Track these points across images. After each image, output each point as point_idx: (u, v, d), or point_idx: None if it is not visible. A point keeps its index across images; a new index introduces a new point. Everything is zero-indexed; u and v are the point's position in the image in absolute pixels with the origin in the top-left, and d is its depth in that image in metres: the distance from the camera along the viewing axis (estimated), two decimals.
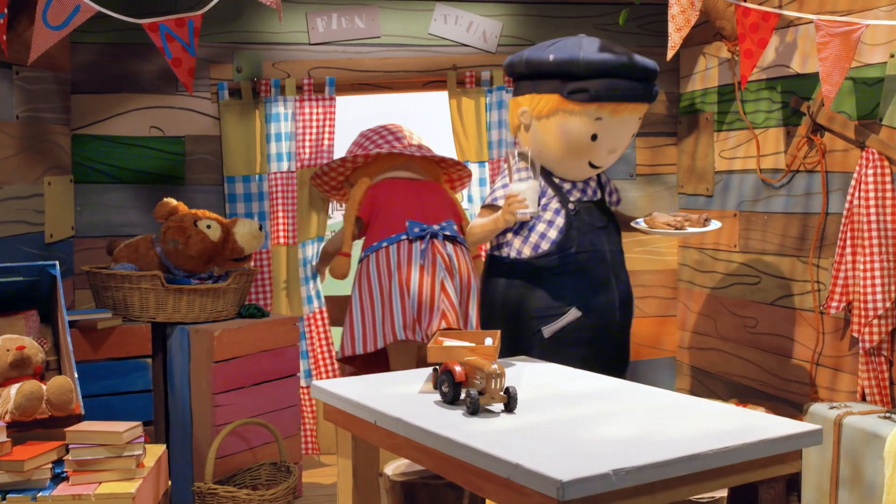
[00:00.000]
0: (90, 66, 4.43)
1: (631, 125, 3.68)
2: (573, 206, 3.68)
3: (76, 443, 2.90)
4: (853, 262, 3.62)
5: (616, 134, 3.65)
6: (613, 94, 3.54)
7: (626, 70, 3.54)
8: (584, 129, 3.59)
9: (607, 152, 3.68)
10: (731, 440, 2.22)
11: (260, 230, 3.91)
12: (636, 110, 3.63)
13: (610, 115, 3.57)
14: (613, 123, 3.60)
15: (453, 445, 2.28)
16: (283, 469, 3.80)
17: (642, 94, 3.60)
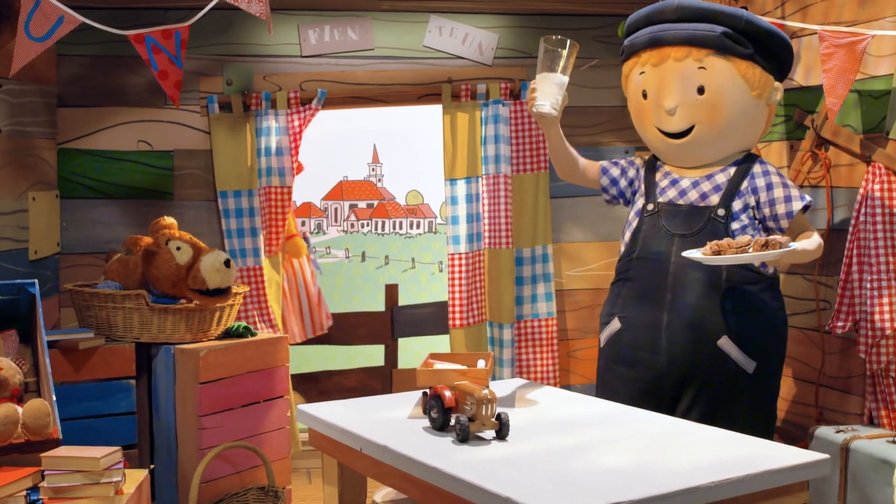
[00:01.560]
0: (77, 78, 4.34)
1: (684, 73, 3.18)
2: (652, 207, 3.29)
3: (52, 469, 2.79)
4: (860, 281, 3.53)
5: (661, 85, 3.23)
6: (642, 41, 3.25)
7: (664, 14, 3.21)
8: (634, 89, 3.33)
9: (666, 112, 3.24)
10: (733, 471, 2.12)
11: (226, 266, 3.65)
12: (680, 54, 3.17)
13: (650, 66, 3.24)
14: (656, 74, 3.24)
15: (441, 476, 2.18)
16: (270, 494, 3.69)
17: (678, 37, 3.16)
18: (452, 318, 4.56)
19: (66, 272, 4.33)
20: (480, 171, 4.58)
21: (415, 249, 6.19)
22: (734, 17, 3.13)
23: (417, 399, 2.86)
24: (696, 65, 3.14)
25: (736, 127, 3.20)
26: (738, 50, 3.12)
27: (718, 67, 3.14)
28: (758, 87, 3.19)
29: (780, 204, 3.16)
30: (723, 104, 3.16)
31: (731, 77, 3.15)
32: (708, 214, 3.18)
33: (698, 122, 3.18)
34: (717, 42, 3.11)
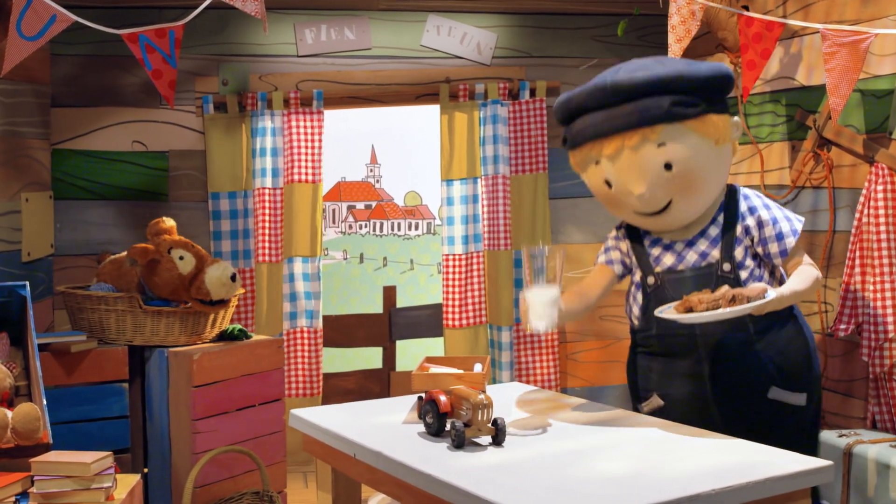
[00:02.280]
0: (71, 78, 4.30)
1: (645, 159, 2.85)
2: (653, 280, 3.01)
3: (41, 474, 2.76)
4: (862, 283, 3.49)
5: (624, 175, 2.89)
6: (585, 134, 2.90)
7: (599, 97, 2.86)
8: (594, 179, 2.98)
9: (636, 199, 2.91)
10: (734, 478, 2.06)
11: (232, 280, 3.60)
12: (634, 141, 2.83)
13: (603, 157, 2.89)
14: (616, 165, 2.88)
15: (435, 483, 2.13)
16: (265, 499, 3.64)
17: (627, 123, 2.82)
18: (447, 319, 4.52)
19: (59, 274, 4.28)
20: (479, 171, 4.53)
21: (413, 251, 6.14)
22: (674, 79, 2.81)
23: (413, 404, 2.81)
24: (655, 145, 2.83)
25: (710, 184, 2.94)
26: (690, 112, 2.83)
27: (678, 138, 2.83)
28: (719, 136, 2.90)
29: (773, 243, 2.96)
30: (694, 171, 2.88)
31: (693, 142, 2.85)
32: (715, 273, 2.94)
33: (674, 195, 2.91)
34: (668, 115, 2.80)
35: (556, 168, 4.65)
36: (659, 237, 3.02)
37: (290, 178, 4.39)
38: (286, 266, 4.43)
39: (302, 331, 4.44)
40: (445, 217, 4.54)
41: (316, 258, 4.44)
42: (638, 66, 2.89)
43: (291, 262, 4.43)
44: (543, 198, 4.59)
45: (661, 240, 3.02)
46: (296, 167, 4.39)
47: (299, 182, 4.39)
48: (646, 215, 2.96)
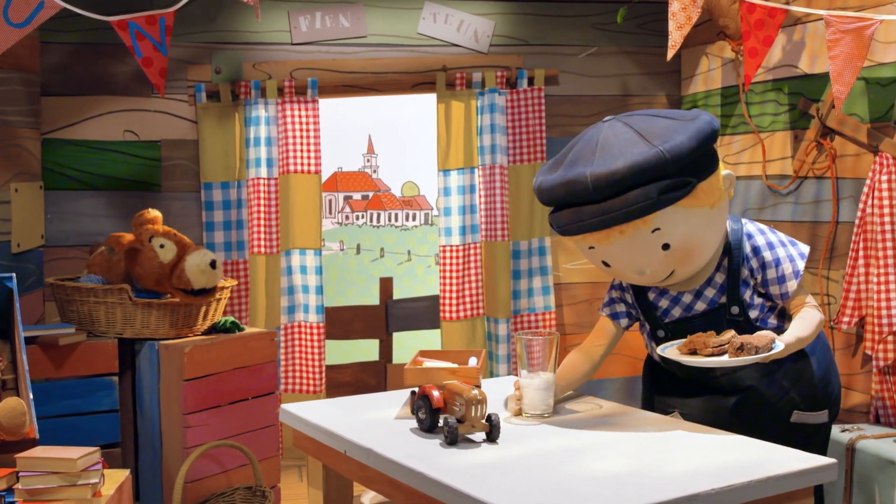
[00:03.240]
0: (61, 66, 4.23)
1: (640, 244, 2.66)
2: (663, 333, 2.87)
3: (27, 470, 2.70)
4: (866, 275, 3.43)
5: (623, 258, 2.71)
6: (572, 229, 2.68)
7: (580, 193, 2.60)
8: (591, 258, 2.81)
9: (637, 274, 2.75)
10: (735, 477, 2.00)
11: (212, 267, 3.53)
12: (625, 230, 2.62)
13: (597, 244, 2.70)
14: (609, 250, 2.69)
15: (427, 482, 2.07)
16: (258, 494, 3.59)
17: (614, 220, 2.59)
18: (444, 311, 4.47)
19: (50, 265, 4.22)
20: (476, 161, 4.47)
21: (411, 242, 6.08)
22: (660, 162, 2.56)
23: (406, 399, 2.75)
24: (648, 230, 2.63)
25: (712, 243, 2.77)
26: (682, 193, 2.61)
27: (672, 220, 2.63)
28: (713, 200, 2.72)
29: (775, 286, 2.82)
30: (693, 245, 2.70)
31: (687, 218, 2.65)
32: (723, 317, 2.82)
33: (675, 267, 2.75)
34: (658, 204, 2.58)
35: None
36: (665, 290, 2.88)
37: (286, 169, 4.33)
38: (284, 259, 4.36)
39: (301, 325, 4.38)
40: (442, 208, 4.48)
41: (316, 250, 4.38)
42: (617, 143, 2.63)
43: (289, 254, 4.37)
44: None
45: (668, 291, 2.88)
46: (292, 157, 4.33)
47: (297, 173, 4.33)
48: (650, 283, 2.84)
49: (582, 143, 2.70)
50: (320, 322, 4.36)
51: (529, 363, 2.55)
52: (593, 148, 2.63)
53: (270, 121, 4.31)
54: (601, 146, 2.62)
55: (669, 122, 2.66)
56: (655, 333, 2.89)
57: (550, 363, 2.57)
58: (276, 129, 4.32)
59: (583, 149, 2.67)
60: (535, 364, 2.54)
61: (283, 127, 4.32)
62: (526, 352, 2.55)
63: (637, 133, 2.62)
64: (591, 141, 2.66)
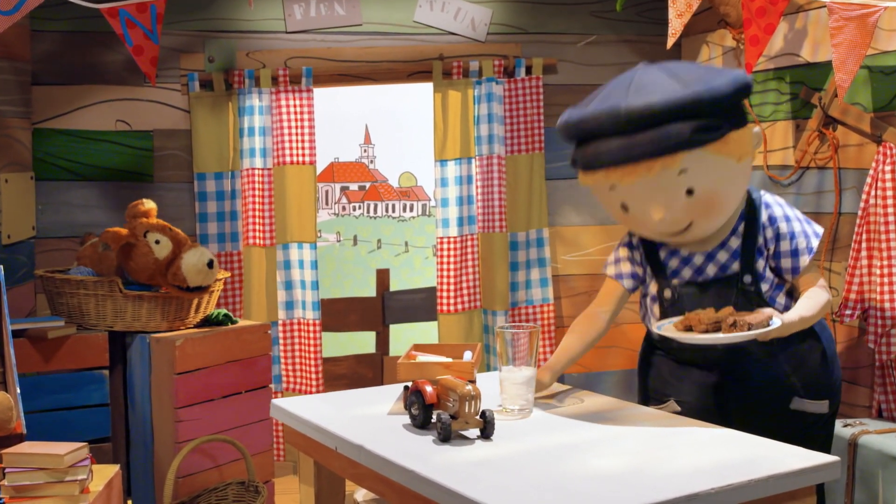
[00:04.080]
0: (52, 55, 4.17)
1: (664, 186, 2.63)
2: (669, 294, 2.82)
3: (13, 466, 2.66)
4: (869, 267, 3.38)
5: (641, 201, 2.67)
6: (597, 161, 2.65)
7: (613, 125, 2.58)
8: (609, 202, 2.78)
9: (654, 220, 2.69)
10: (735, 476, 1.95)
11: (209, 267, 3.48)
12: (651, 168, 2.57)
13: (618, 181, 2.65)
14: (631, 190, 2.66)
15: (418, 480, 2.01)
16: (251, 489, 3.54)
17: (643, 153, 2.56)
18: (440, 303, 4.41)
19: (41, 257, 4.17)
20: (473, 151, 4.41)
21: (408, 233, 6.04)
22: (695, 103, 2.56)
23: (399, 394, 2.70)
24: (676, 172, 2.60)
25: (733, 199, 2.75)
26: (713, 136, 2.60)
27: (700, 164, 2.60)
28: (742, 152, 2.69)
29: (787, 259, 2.77)
30: (716, 193, 2.67)
31: (715, 165, 2.63)
32: (735, 285, 2.76)
33: (695, 218, 2.71)
34: (689, 143, 2.56)
35: (552, 148, 4.53)
36: (676, 249, 2.83)
37: (281, 160, 4.27)
38: (280, 252, 4.31)
39: (299, 322, 4.33)
40: (439, 198, 4.42)
41: (311, 244, 4.32)
42: (653, 82, 2.62)
43: (287, 248, 4.31)
44: (540, 178, 4.47)
45: (679, 252, 2.83)
46: (287, 148, 4.27)
47: (292, 164, 4.27)
48: (664, 234, 2.78)
49: (614, 83, 2.69)
50: (316, 319, 4.30)
51: (515, 357, 2.49)
52: (626, 86, 2.62)
53: (264, 110, 4.25)
54: (635, 84, 2.61)
55: (704, 70, 2.68)
56: (662, 294, 2.82)
57: (532, 357, 2.51)
58: (270, 118, 4.26)
59: (615, 87, 2.66)
60: (519, 358, 2.49)
61: (278, 117, 4.26)
62: (512, 346, 2.48)
63: (672, 76, 2.61)
64: (625, 80, 2.65)
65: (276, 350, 4.31)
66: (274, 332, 4.29)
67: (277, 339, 4.31)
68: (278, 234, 4.30)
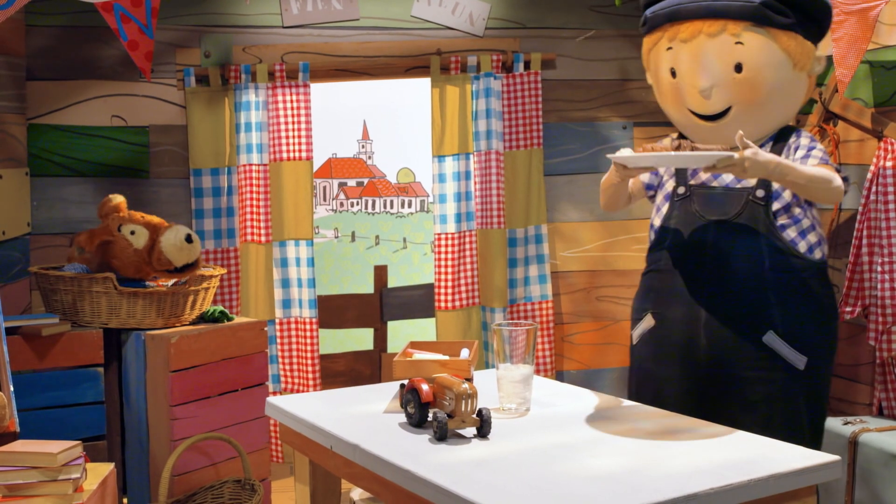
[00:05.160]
0: (47, 50, 4.14)
1: (719, 50, 2.76)
2: (683, 190, 2.90)
3: (6, 465, 2.64)
4: (870, 264, 3.35)
5: (693, 63, 2.80)
6: (667, 13, 2.80)
7: None
8: (661, 65, 2.89)
9: (698, 93, 2.83)
10: (735, 476, 1.93)
11: (188, 241, 3.46)
12: (713, 29, 2.74)
13: (677, 41, 2.80)
14: (687, 50, 2.80)
15: (414, 480, 1.99)
16: (247, 487, 3.52)
17: (711, 9, 2.73)
18: (438, 300, 4.39)
19: (36, 253, 4.14)
20: (471, 147, 4.38)
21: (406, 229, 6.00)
22: None
23: (395, 392, 2.67)
24: (733, 40, 2.75)
25: (776, 104, 2.84)
26: (778, 21, 2.73)
27: (757, 42, 2.74)
28: (799, 60, 2.81)
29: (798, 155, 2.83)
30: (763, 82, 2.78)
31: (770, 52, 2.76)
32: (746, 197, 2.81)
33: (736, 102, 2.81)
34: (755, 14, 2.72)
35: (551, 144, 4.50)
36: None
37: (277, 156, 4.24)
38: (278, 249, 4.27)
39: (296, 321, 4.30)
40: (437, 194, 4.39)
41: (308, 241, 4.29)
42: None
43: (284, 245, 4.28)
44: (538, 174, 4.44)
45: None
46: (284, 144, 4.23)
47: (289, 160, 4.24)
48: (701, 117, 2.86)
49: None
50: (313, 317, 4.27)
51: (512, 355, 2.46)
52: None
53: (261, 106, 4.22)
54: None
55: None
56: (675, 191, 2.89)
57: (529, 355, 2.49)
58: (266, 113, 4.23)
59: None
60: (516, 356, 2.46)
61: (275, 112, 4.23)
62: (509, 343, 2.46)
63: None
64: None
65: (274, 349, 4.28)
66: (271, 330, 4.26)
67: (275, 338, 4.28)
68: (275, 231, 4.27)
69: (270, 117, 4.23)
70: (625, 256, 4.59)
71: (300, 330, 4.28)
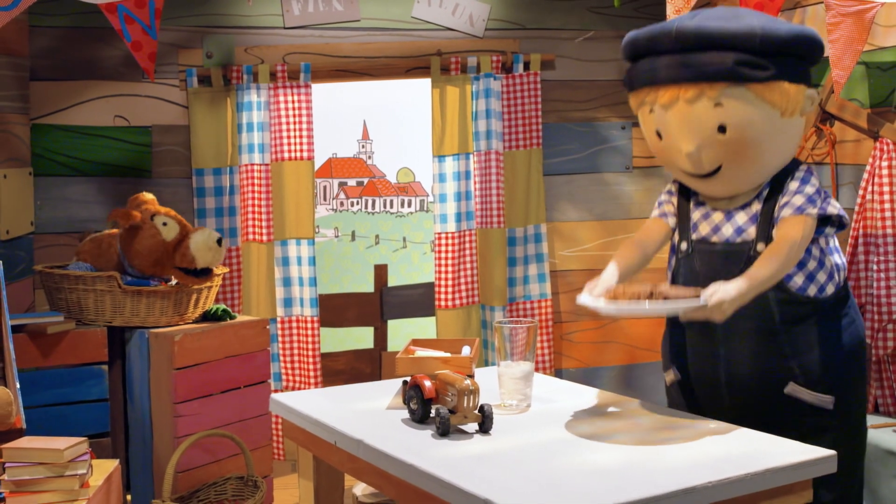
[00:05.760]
0: (50, 51, 4.17)
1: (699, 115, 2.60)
2: (685, 246, 2.79)
3: (13, 461, 2.67)
4: (866, 262, 3.38)
5: (675, 128, 2.65)
6: (642, 78, 2.68)
7: (663, 43, 2.60)
8: (647, 126, 2.76)
9: (685, 153, 2.66)
10: (733, 469, 1.96)
11: (218, 244, 3.51)
12: (690, 94, 2.58)
13: (658, 106, 2.66)
14: (668, 116, 2.65)
15: (417, 474, 2.02)
16: (250, 484, 3.55)
17: (684, 75, 2.57)
18: (439, 299, 4.42)
19: (40, 252, 4.17)
20: (471, 147, 4.42)
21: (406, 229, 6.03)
22: (747, 36, 2.54)
23: (398, 388, 2.71)
24: (712, 103, 2.58)
25: (768, 156, 2.68)
26: (757, 76, 2.57)
27: (738, 102, 2.58)
28: (788, 107, 2.64)
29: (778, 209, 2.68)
30: (750, 140, 2.62)
31: (754, 107, 2.60)
32: (746, 253, 2.67)
33: (725, 161, 2.66)
34: (731, 75, 2.55)
35: (550, 144, 4.53)
36: (703, 201, 2.80)
37: (279, 156, 4.27)
38: (279, 248, 4.31)
39: (298, 319, 4.33)
40: (437, 194, 4.42)
41: (309, 240, 4.32)
42: (714, 15, 2.63)
43: (285, 244, 4.31)
44: (537, 174, 4.47)
45: (704, 204, 2.80)
46: (285, 144, 4.27)
47: (290, 160, 4.27)
48: (693, 176, 2.75)
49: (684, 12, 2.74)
50: (314, 316, 4.31)
51: (512, 352, 2.49)
52: (693, 13, 2.66)
53: (262, 106, 4.25)
54: (700, 13, 2.64)
55: (775, 19, 2.64)
56: (679, 246, 2.81)
57: (530, 352, 2.51)
58: (268, 114, 4.27)
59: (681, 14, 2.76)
60: (517, 353, 2.49)
61: (276, 112, 4.26)
62: (510, 341, 2.49)
63: (735, 14, 2.62)
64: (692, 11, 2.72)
65: (276, 347, 4.31)
66: (273, 329, 4.29)
67: (276, 337, 4.32)
68: (276, 230, 4.30)
69: (272, 117, 4.26)
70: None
71: (301, 328, 4.31)
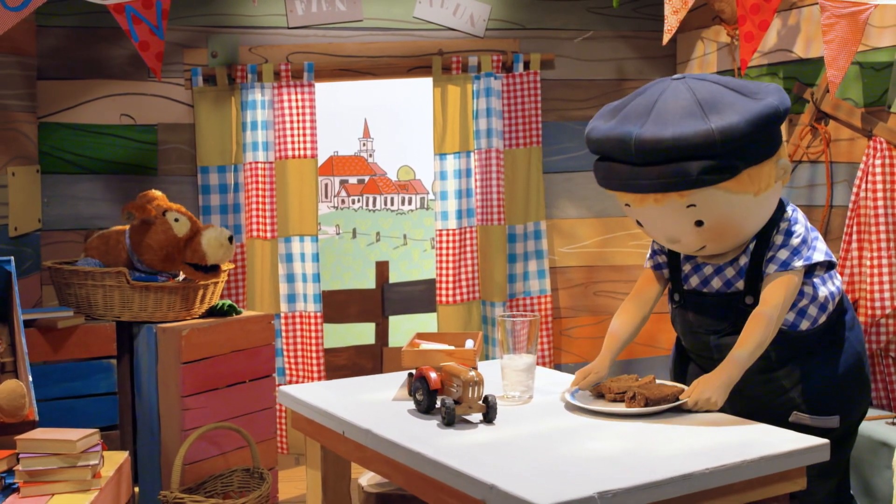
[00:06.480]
0: (57, 50, 4.23)
1: (672, 214, 2.58)
2: (678, 297, 2.84)
3: (27, 452, 2.73)
4: (859, 258, 3.44)
5: (655, 224, 2.65)
6: (612, 182, 2.62)
7: (624, 153, 2.54)
8: (627, 213, 2.75)
9: (667, 241, 2.69)
10: (729, 457, 2.03)
11: (230, 242, 3.58)
12: (660, 198, 2.54)
13: (631, 203, 2.63)
14: (642, 213, 2.64)
15: (424, 462, 2.09)
16: (256, 476, 3.61)
17: (650, 187, 2.52)
18: (440, 295, 4.48)
19: (47, 249, 4.23)
20: (472, 145, 4.47)
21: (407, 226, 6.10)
22: (706, 143, 2.45)
23: (403, 380, 2.77)
24: (683, 204, 2.54)
25: (750, 227, 2.66)
26: (724, 177, 2.51)
27: (709, 201, 2.54)
28: (761, 186, 2.59)
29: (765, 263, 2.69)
30: (727, 226, 2.61)
31: (726, 199, 2.55)
32: (736, 305, 2.70)
33: (707, 242, 2.66)
34: (697, 183, 2.48)
35: (550, 142, 4.59)
36: (693, 255, 2.82)
37: (283, 154, 4.33)
38: (283, 245, 4.37)
39: (301, 315, 4.39)
40: (438, 192, 4.48)
41: (312, 237, 4.38)
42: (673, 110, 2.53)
43: (289, 241, 4.37)
44: (537, 172, 4.53)
45: (695, 258, 2.81)
46: (289, 142, 4.33)
47: (293, 158, 4.33)
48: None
49: (643, 97, 2.62)
50: (318, 312, 4.37)
51: (515, 345, 2.56)
52: (649, 108, 2.56)
53: (266, 105, 4.31)
54: (657, 109, 2.54)
55: (735, 98, 2.55)
56: (672, 296, 2.86)
57: (532, 345, 2.58)
58: (272, 112, 4.32)
59: (640, 105, 2.59)
60: (519, 346, 2.56)
61: (280, 111, 4.32)
62: (513, 334, 2.56)
63: (697, 102, 2.52)
64: (651, 99, 2.59)
65: (280, 342, 4.37)
66: (277, 324, 4.35)
67: (280, 332, 4.38)
68: (280, 227, 4.36)
69: (276, 116, 4.32)
70: (622, 252, 4.69)
71: (305, 324, 4.37)
